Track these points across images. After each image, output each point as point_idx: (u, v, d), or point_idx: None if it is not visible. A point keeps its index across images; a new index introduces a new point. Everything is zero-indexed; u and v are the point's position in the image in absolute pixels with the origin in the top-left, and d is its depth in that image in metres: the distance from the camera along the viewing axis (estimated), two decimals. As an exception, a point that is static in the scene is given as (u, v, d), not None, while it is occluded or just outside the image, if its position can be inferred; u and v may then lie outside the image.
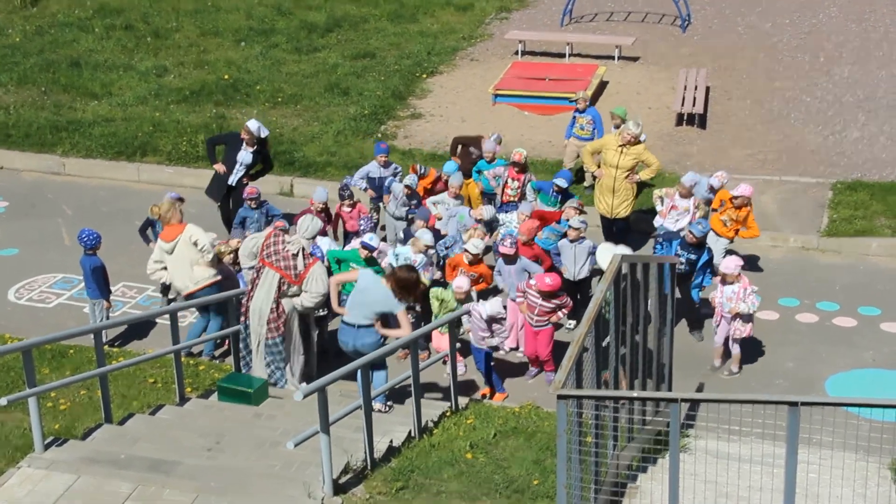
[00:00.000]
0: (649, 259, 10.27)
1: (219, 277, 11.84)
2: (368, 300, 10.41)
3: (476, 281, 12.08)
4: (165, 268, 11.86)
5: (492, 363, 11.44)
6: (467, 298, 11.55)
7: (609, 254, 11.62)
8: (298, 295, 10.89)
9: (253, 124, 14.32)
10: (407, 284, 10.39)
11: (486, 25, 22.81)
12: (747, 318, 11.59)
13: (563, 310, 11.43)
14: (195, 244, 11.71)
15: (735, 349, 11.81)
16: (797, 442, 6.46)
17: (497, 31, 22.28)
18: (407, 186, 13.66)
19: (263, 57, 20.98)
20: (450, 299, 11.58)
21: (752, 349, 12.34)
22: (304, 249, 10.88)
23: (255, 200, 13.40)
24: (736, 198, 13.12)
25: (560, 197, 13.61)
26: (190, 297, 11.72)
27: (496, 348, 11.49)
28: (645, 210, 14.71)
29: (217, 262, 11.98)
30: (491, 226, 13.27)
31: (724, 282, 11.64)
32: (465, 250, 12.03)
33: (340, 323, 10.62)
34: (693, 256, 12.15)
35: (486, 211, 13.11)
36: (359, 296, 10.49)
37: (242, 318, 11.09)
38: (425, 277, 11.97)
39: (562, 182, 13.60)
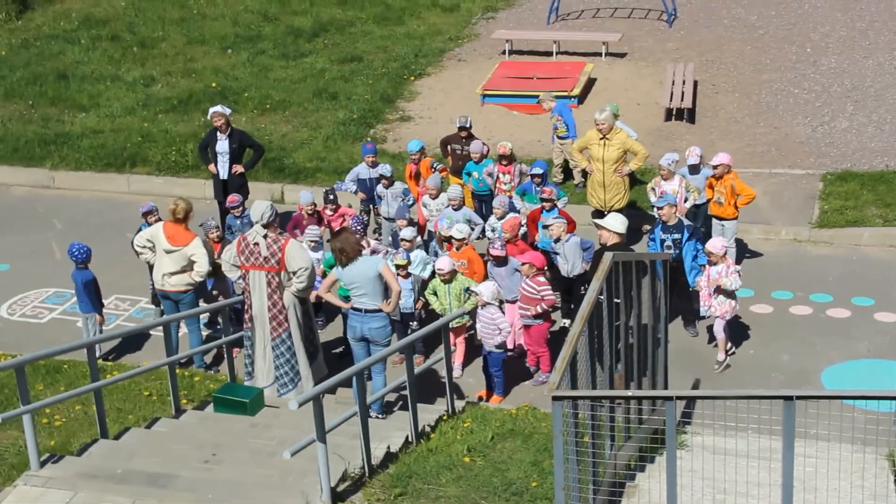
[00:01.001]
0: (641, 256, 10.25)
1: (191, 287, 11.89)
2: (360, 281, 10.52)
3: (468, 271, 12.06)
4: (152, 249, 11.88)
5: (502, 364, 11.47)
6: (452, 278, 11.59)
7: (607, 217, 11.60)
8: (290, 282, 10.86)
9: (217, 107, 14.57)
10: (335, 248, 10.61)
11: (472, 26, 22.80)
12: (727, 295, 11.58)
13: (545, 301, 11.40)
14: (192, 262, 11.73)
15: (720, 334, 11.78)
16: (794, 436, 6.45)
17: (484, 31, 22.27)
18: (382, 176, 13.76)
19: (250, 64, 20.95)
20: (436, 285, 11.67)
21: (747, 343, 12.35)
22: (268, 236, 10.82)
23: (238, 209, 13.39)
24: (716, 167, 13.11)
25: (542, 186, 13.55)
26: (163, 294, 11.94)
27: (509, 350, 11.55)
28: (637, 207, 14.70)
29: (215, 272, 12.05)
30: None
31: (709, 263, 11.67)
32: (451, 236, 12.04)
33: (350, 310, 10.73)
34: (677, 235, 12.15)
35: (407, 232, 12.84)
36: (352, 286, 10.62)
37: (246, 326, 11.09)
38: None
39: (538, 170, 13.56)
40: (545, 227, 12.47)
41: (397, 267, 11.83)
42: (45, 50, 22.01)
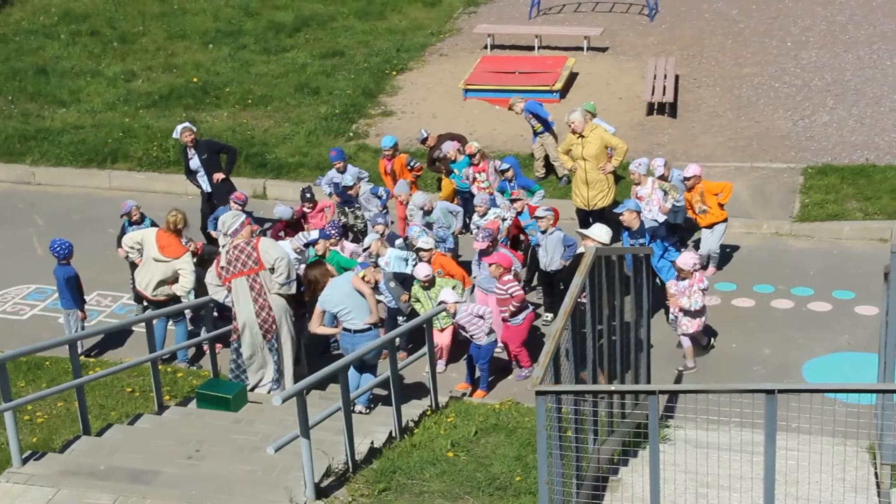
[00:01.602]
0: (623, 251, 10.29)
1: (169, 298, 11.92)
2: (342, 301, 10.56)
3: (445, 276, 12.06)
4: (140, 251, 11.85)
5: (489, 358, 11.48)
6: (432, 283, 11.64)
7: (593, 227, 11.62)
8: (273, 282, 10.83)
9: (185, 123, 14.66)
10: (307, 286, 11.00)
11: (454, 20, 22.78)
12: (694, 314, 11.60)
13: (514, 298, 11.41)
14: (177, 277, 11.72)
15: (685, 342, 11.79)
16: (775, 429, 6.49)
17: (465, 26, 22.25)
18: (346, 186, 13.74)
19: (232, 59, 20.88)
20: (417, 292, 11.68)
21: (729, 337, 12.40)
22: (237, 245, 10.80)
23: (242, 206, 13.22)
24: (688, 178, 13.15)
25: (515, 184, 13.57)
26: (140, 296, 12.00)
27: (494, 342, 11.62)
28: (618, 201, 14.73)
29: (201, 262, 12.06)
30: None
31: (678, 277, 11.66)
32: (419, 248, 12.03)
33: (342, 330, 10.76)
34: (642, 240, 12.18)
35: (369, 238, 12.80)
36: (337, 309, 10.66)
37: (233, 337, 11.06)
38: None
39: (505, 166, 13.59)
40: (539, 219, 12.44)
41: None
42: (25, 45, 21.87)
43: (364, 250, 12.56)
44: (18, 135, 17.86)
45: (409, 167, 14.26)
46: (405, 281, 12.04)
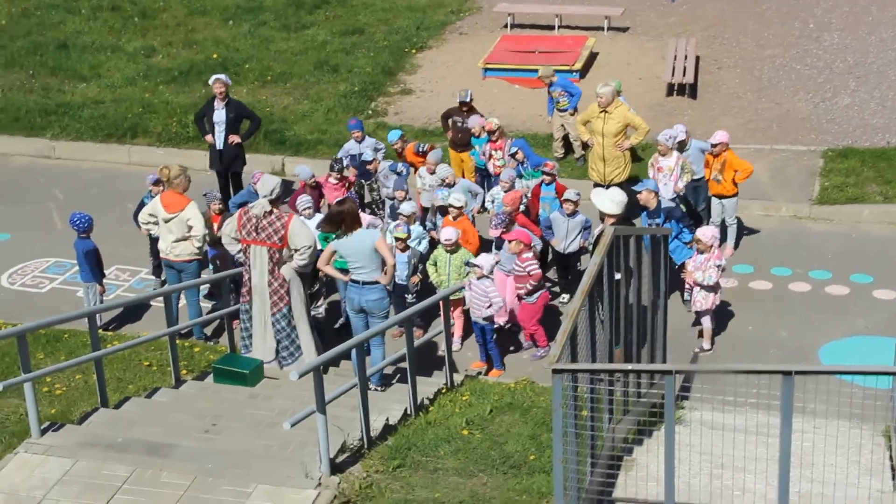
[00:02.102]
0: (642, 231, 10.25)
1: (199, 256, 11.90)
2: (357, 254, 10.55)
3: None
4: (156, 223, 11.90)
5: (495, 337, 11.46)
6: (457, 249, 11.64)
7: (603, 197, 11.57)
8: (291, 258, 10.84)
9: (220, 75, 14.66)
10: (331, 217, 10.81)
11: (474, -1, 22.71)
12: (709, 289, 11.57)
13: (531, 277, 11.41)
14: (189, 227, 11.72)
15: (705, 323, 11.78)
16: (791, 411, 6.48)
17: (486, 4, 22.16)
18: (365, 161, 13.77)
19: (252, 35, 20.88)
20: (437, 255, 11.69)
21: (745, 319, 12.38)
22: (271, 212, 10.74)
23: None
24: (715, 146, 13.10)
25: (528, 164, 13.55)
26: (168, 263, 11.91)
27: (505, 325, 11.58)
28: (637, 181, 14.67)
29: (215, 242, 12.01)
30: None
31: (697, 251, 11.64)
32: (450, 204, 12.05)
33: (349, 283, 10.77)
34: (658, 220, 12.14)
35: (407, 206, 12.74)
36: (350, 259, 10.65)
37: (243, 300, 11.06)
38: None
39: (514, 149, 13.58)
40: (569, 202, 12.39)
41: (397, 240, 11.83)
42: (46, 19, 21.92)
43: (399, 214, 12.47)
44: (39, 109, 17.92)
45: (418, 153, 14.21)
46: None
